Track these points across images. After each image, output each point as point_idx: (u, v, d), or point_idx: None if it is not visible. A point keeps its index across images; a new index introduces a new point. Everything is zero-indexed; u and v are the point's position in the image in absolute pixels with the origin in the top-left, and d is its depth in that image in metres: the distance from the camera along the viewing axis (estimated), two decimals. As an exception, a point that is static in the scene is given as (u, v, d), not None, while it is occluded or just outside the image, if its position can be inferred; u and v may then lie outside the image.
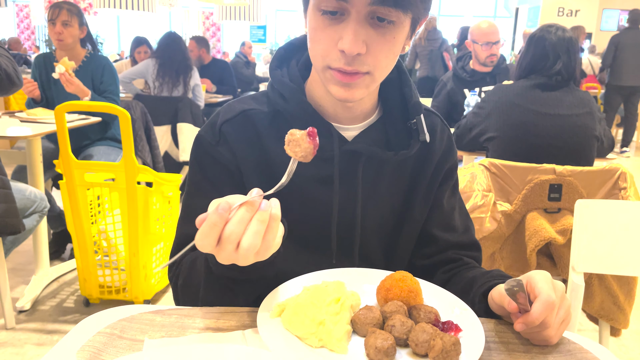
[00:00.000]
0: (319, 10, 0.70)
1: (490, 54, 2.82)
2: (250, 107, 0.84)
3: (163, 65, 3.70)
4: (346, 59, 0.70)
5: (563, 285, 0.67)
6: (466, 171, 1.77)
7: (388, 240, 0.89)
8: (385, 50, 0.72)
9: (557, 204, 1.71)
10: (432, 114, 0.92)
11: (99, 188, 2.10)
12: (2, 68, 1.85)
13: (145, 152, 2.80)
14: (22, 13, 14.80)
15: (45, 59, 2.74)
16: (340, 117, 0.83)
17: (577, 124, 1.85)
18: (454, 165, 0.93)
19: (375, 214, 0.86)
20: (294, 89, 0.81)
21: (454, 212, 0.93)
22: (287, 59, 0.87)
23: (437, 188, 0.90)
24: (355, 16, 0.68)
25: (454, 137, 2.16)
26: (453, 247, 0.91)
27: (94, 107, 2.30)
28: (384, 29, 0.70)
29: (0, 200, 1.75)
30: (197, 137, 0.85)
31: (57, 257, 2.78)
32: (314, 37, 0.73)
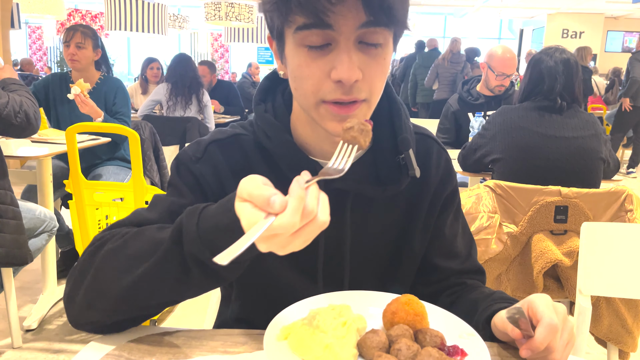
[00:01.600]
0: (303, 47, 0.67)
1: (501, 84, 2.78)
2: (242, 132, 0.82)
3: (175, 85, 3.80)
4: (343, 88, 0.67)
5: (564, 307, 0.67)
6: (472, 192, 1.77)
7: (385, 275, 0.87)
8: (379, 73, 0.70)
9: (563, 225, 1.71)
10: (427, 138, 0.88)
11: (108, 207, 2.13)
12: (24, 109, 1.84)
13: (154, 172, 2.83)
14: (34, 35, 15.07)
15: (61, 79, 2.80)
16: (327, 153, 0.78)
17: (582, 146, 1.86)
18: (454, 190, 0.89)
19: (368, 251, 0.84)
20: (278, 127, 0.78)
21: (457, 238, 0.91)
22: (272, 90, 0.84)
23: (437, 217, 0.88)
24: (345, 43, 0.65)
25: (460, 157, 2.18)
26: (456, 274, 0.90)
27: (104, 128, 2.34)
28: (374, 51, 0.68)
29: (10, 231, 1.76)
30: (180, 152, 0.83)
31: (65, 276, 2.78)
32: (301, 74, 0.68)
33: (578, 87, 1.92)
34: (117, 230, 0.71)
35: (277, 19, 0.68)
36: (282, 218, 0.50)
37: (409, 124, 0.82)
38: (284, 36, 0.69)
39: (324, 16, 0.62)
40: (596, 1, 11.39)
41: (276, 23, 0.69)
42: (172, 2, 13.88)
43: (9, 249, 1.76)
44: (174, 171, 0.81)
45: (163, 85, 3.87)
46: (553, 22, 13.37)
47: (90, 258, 0.69)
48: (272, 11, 0.67)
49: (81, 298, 0.68)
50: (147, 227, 0.69)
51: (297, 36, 0.66)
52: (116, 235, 0.69)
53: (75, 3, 14.57)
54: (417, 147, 0.84)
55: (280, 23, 0.68)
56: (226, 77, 12.70)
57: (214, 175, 0.79)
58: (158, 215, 0.75)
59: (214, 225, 0.59)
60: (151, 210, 0.76)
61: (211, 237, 0.59)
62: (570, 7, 12.47)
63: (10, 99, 1.78)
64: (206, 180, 0.79)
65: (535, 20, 14.44)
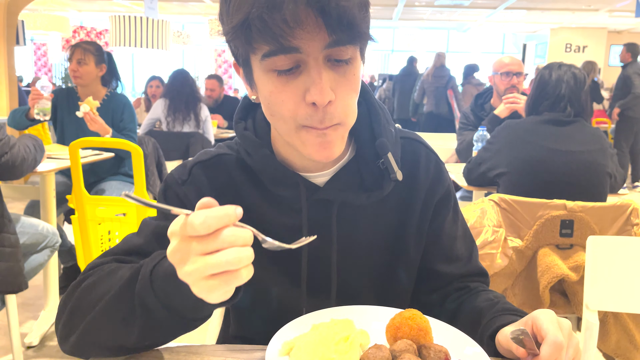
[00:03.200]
0: (272, 72, 0.66)
1: (511, 85, 2.69)
2: (225, 152, 0.83)
3: (172, 100, 3.80)
4: (317, 112, 0.66)
5: (569, 322, 0.66)
6: (476, 207, 1.76)
7: (382, 284, 0.86)
8: (350, 91, 0.69)
9: (569, 240, 1.69)
10: (414, 141, 0.86)
11: (110, 223, 2.12)
12: (14, 151, 1.81)
13: (157, 187, 2.84)
14: (39, 51, 15.25)
15: (68, 94, 2.81)
16: (309, 165, 0.79)
17: (588, 160, 1.84)
18: (447, 192, 0.87)
19: (359, 260, 0.83)
20: (257, 143, 0.78)
21: (456, 241, 0.89)
22: (252, 108, 0.84)
23: (432, 221, 0.86)
24: (314, 63, 0.64)
25: (465, 171, 2.17)
26: (458, 278, 0.89)
27: (107, 143, 2.34)
28: (343, 68, 0.67)
29: (5, 259, 1.75)
30: (167, 175, 0.84)
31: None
32: (275, 100, 0.67)
33: (585, 99, 1.92)
34: (105, 265, 0.73)
35: (241, 47, 0.66)
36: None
37: (389, 128, 0.81)
38: (250, 63, 0.69)
39: (286, 42, 0.61)
40: (599, 16, 11.46)
41: (240, 51, 0.68)
42: (176, 18, 14.07)
43: (3, 277, 1.75)
44: (161, 194, 0.82)
45: (160, 102, 3.88)
46: (556, 37, 13.44)
47: (72, 290, 0.70)
48: (234, 40, 0.65)
49: (61, 328, 0.69)
50: (123, 266, 0.69)
51: (264, 63, 0.65)
52: (100, 270, 0.71)
53: (80, 20, 14.77)
54: (404, 151, 0.84)
55: (244, 51, 0.67)
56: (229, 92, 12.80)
57: (198, 197, 0.79)
58: (144, 240, 0.77)
59: (164, 270, 0.60)
60: (140, 235, 0.78)
61: (159, 281, 0.60)
62: (574, 21, 12.55)
63: (5, 139, 1.78)
64: (191, 202, 0.79)
65: (538, 35, 14.52)
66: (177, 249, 0.54)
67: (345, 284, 0.83)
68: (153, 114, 3.90)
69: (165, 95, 3.90)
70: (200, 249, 0.52)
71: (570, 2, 10.26)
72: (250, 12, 0.60)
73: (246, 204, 0.80)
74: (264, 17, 0.60)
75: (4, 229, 1.77)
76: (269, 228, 0.80)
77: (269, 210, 0.80)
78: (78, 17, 14.48)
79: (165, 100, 3.85)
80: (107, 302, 0.64)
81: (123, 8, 12.32)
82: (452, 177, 2.41)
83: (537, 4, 10.51)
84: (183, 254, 0.53)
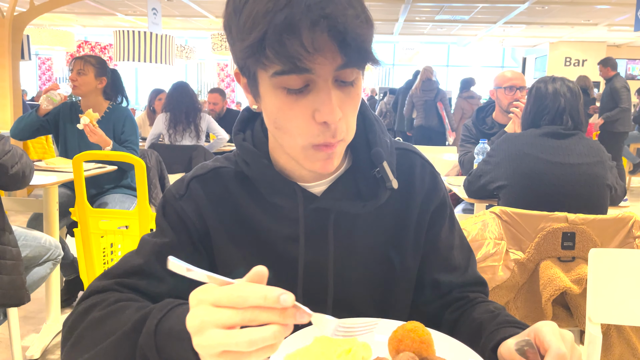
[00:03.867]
0: (282, 89, 0.66)
1: (514, 100, 2.68)
2: (223, 165, 0.83)
3: (172, 113, 3.83)
4: (329, 130, 0.68)
5: (572, 335, 0.66)
6: (477, 219, 1.76)
7: (380, 294, 0.86)
8: (353, 109, 0.71)
9: (571, 252, 1.69)
10: (409, 152, 0.87)
11: (113, 235, 2.13)
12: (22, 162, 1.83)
13: (159, 199, 2.84)
14: (44, 66, 15.38)
15: (71, 108, 2.85)
16: (306, 175, 0.80)
17: (588, 172, 1.85)
18: (442, 202, 0.88)
19: (357, 269, 0.83)
20: (255, 154, 0.79)
21: (453, 250, 0.89)
22: (251, 120, 0.85)
23: (428, 231, 0.87)
24: (324, 84, 0.65)
25: (465, 183, 2.17)
26: (457, 287, 0.89)
27: (110, 156, 2.36)
28: (349, 89, 0.68)
29: (7, 272, 1.76)
30: (166, 190, 0.84)
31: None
32: (284, 116, 0.68)
33: (581, 111, 1.94)
34: (109, 293, 0.73)
35: (251, 63, 0.67)
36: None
37: (384, 138, 0.83)
38: (257, 76, 0.69)
39: (302, 64, 0.62)
40: (598, 30, 11.54)
41: (249, 64, 0.68)
42: (180, 33, 14.21)
43: (6, 290, 1.75)
44: (159, 210, 0.83)
45: (161, 116, 3.91)
46: (556, 51, 13.53)
47: (79, 318, 0.70)
48: (246, 58, 0.65)
49: (65, 353, 0.70)
50: (131, 304, 0.69)
51: (274, 80, 0.65)
52: (107, 301, 0.70)
53: (85, 35, 14.91)
54: (399, 161, 0.85)
55: (253, 65, 0.67)
56: (232, 106, 12.87)
57: (196, 211, 0.81)
58: (144, 260, 0.77)
59: (170, 327, 0.59)
60: (139, 254, 0.79)
61: (162, 338, 0.59)
62: (573, 35, 12.63)
63: (13, 150, 1.81)
64: (188, 217, 0.80)
65: (537, 49, 14.62)
66: (198, 316, 0.51)
67: (342, 294, 0.83)
68: (155, 129, 3.93)
69: (165, 108, 3.92)
70: (224, 320, 0.49)
71: (569, 17, 10.34)
72: (266, 32, 0.61)
73: (244, 216, 0.81)
74: (283, 40, 0.60)
75: (6, 241, 1.77)
76: (267, 239, 0.81)
77: (266, 221, 0.81)
78: (83, 32, 14.63)
79: (165, 114, 3.88)
80: (110, 344, 0.64)
81: (127, 23, 12.45)
82: (454, 189, 2.42)
83: (536, 19, 10.60)
84: (204, 323, 0.50)
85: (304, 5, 0.60)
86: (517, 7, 9.36)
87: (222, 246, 0.82)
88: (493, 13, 10.17)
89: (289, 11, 0.60)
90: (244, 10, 0.64)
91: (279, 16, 0.60)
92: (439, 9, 10.03)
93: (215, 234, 0.81)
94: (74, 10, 10.97)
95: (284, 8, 0.60)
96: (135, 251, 0.80)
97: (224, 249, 0.82)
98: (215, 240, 0.82)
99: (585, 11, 9.66)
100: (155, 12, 7.39)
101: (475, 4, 9.36)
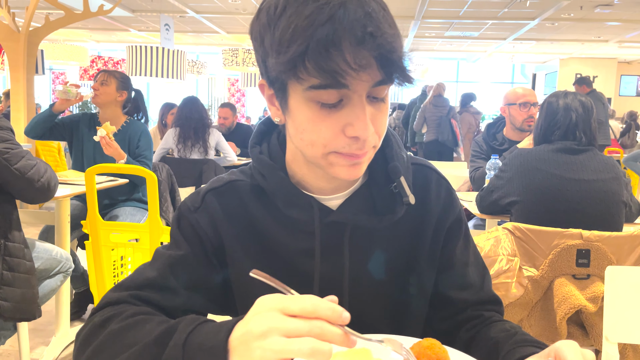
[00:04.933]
0: (315, 102, 0.66)
1: (529, 116, 2.68)
2: (238, 179, 0.83)
3: (182, 128, 3.88)
4: (357, 143, 0.68)
5: (593, 355, 0.64)
6: (490, 235, 1.75)
7: (394, 309, 0.85)
8: (382, 124, 0.71)
9: (586, 269, 1.67)
10: (425, 167, 0.87)
11: (123, 248, 2.13)
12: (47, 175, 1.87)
13: (170, 213, 2.85)
14: (58, 80, 15.61)
15: (90, 119, 2.90)
16: (324, 188, 0.80)
17: (603, 189, 1.83)
18: (458, 218, 0.87)
19: (372, 284, 0.83)
20: (272, 166, 0.79)
21: (468, 267, 0.88)
22: (267, 133, 0.85)
23: (444, 247, 0.86)
24: (359, 100, 0.66)
25: (477, 199, 2.16)
26: (472, 305, 0.87)
27: (122, 169, 2.38)
28: (379, 104, 0.69)
29: (20, 286, 1.76)
30: (181, 203, 0.84)
31: (78, 318, 2.77)
32: (313, 128, 0.68)
33: (594, 127, 1.92)
34: (126, 305, 0.72)
35: (286, 76, 0.66)
36: None
37: (401, 153, 0.82)
38: (288, 88, 0.68)
39: (342, 79, 0.62)
40: (609, 47, 11.53)
41: (282, 77, 0.67)
42: (191, 48, 14.38)
43: (18, 304, 1.76)
44: (174, 223, 0.83)
45: (171, 131, 3.97)
46: (566, 67, 13.52)
47: (96, 330, 0.69)
48: (283, 71, 0.64)
49: None
50: (151, 318, 0.68)
51: (308, 93, 0.65)
52: (124, 314, 0.69)
53: (98, 50, 15.14)
54: (415, 177, 0.84)
55: (286, 77, 0.67)
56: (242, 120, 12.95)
57: (211, 224, 0.81)
58: (158, 273, 0.77)
59: (200, 342, 0.59)
60: (153, 267, 0.78)
61: (192, 352, 0.59)
62: (583, 52, 12.63)
63: (38, 163, 1.84)
64: (203, 230, 0.80)
65: (547, 65, 14.62)
66: (266, 321, 0.53)
67: (357, 309, 0.82)
68: (165, 144, 3.98)
69: (175, 123, 3.99)
70: (292, 328, 0.52)
71: (579, 34, 10.35)
72: (308, 46, 0.61)
73: (259, 230, 0.81)
74: (327, 55, 0.61)
75: (21, 254, 1.78)
76: (283, 253, 0.80)
77: (282, 235, 0.80)
78: (96, 47, 14.87)
79: (175, 129, 3.94)
80: (130, 355, 0.63)
81: (140, 39, 12.63)
82: (465, 205, 2.40)
83: (546, 35, 10.62)
84: (271, 330, 0.52)
85: (347, 21, 0.61)
86: (526, 24, 9.40)
87: (236, 259, 0.81)
88: (502, 29, 10.21)
89: (331, 27, 0.60)
90: (280, 22, 0.64)
91: (321, 31, 0.60)
92: (449, 26, 10.09)
93: (230, 247, 0.81)
94: (88, 26, 11.16)
95: (325, 23, 0.61)
96: (149, 263, 0.80)
97: (238, 262, 0.81)
98: (230, 253, 0.81)
99: (596, 28, 9.67)
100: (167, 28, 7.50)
101: (485, 21, 9.41)
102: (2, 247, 1.75)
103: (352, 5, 0.62)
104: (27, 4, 4.44)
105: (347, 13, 0.61)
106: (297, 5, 0.63)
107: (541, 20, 8.91)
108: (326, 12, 0.61)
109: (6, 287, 1.74)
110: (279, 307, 0.53)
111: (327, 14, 0.61)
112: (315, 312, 0.52)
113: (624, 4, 7.82)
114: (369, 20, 0.61)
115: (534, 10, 8.46)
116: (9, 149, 1.75)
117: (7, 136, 1.77)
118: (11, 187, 1.78)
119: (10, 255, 1.76)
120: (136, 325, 0.67)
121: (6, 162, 1.73)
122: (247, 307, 0.60)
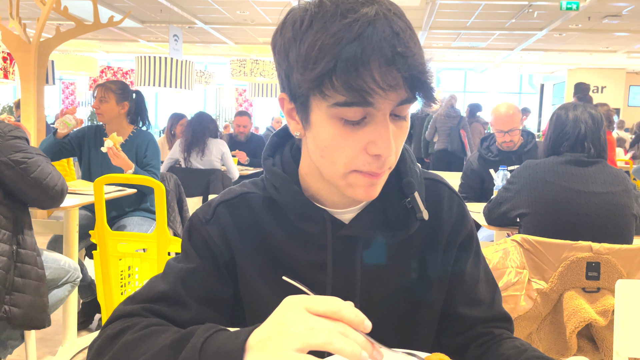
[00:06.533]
0: (338, 119, 0.66)
1: (503, 142, 2.80)
2: (250, 191, 0.83)
3: (187, 140, 4.00)
4: (379, 162, 0.68)
5: None
6: (499, 247, 1.74)
7: (404, 324, 0.84)
8: (402, 141, 0.71)
9: (596, 283, 1.65)
10: (437, 183, 0.87)
11: (131, 258, 2.14)
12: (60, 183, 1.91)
13: (177, 223, 2.86)
14: (67, 90, 15.76)
15: (96, 131, 2.91)
16: (338, 202, 0.79)
17: (612, 202, 1.81)
18: (469, 234, 0.87)
19: (382, 298, 0.82)
20: (285, 179, 0.78)
21: (478, 284, 0.88)
22: (280, 145, 0.84)
23: (455, 263, 0.86)
24: (382, 118, 0.65)
25: (485, 211, 2.15)
26: (482, 322, 0.87)
27: (130, 179, 2.39)
28: (401, 122, 0.69)
29: (30, 292, 1.77)
30: (192, 214, 0.84)
31: (85, 328, 2.77)
32: (336, 145, 0.68)
33: (604, 139, 1.90)
34: (139, 318, 0.72)
35: (311, 92, 0.66)
36: None
37: (414, 168, 0.82)
38: (311, 103, 0.68)
39: (370, 97, 0.62)
40: (617, 57, 11.49)
41: (306, 93, 0.67)
42: (199, 59, 14.50)
43: (26, 312, 1.76)
44: (185, 235, 0.83)
45: (179, 142, 4.11)
46: (574, 77, 13.47)
47: (109, 342, 0.69)
48: (309, 88, 0.64)
49: None
50: (165, 329, 0.68)
51: (332, 110, 0.65)
52: (138, 325, 0.70)
53: (107, 61, 15.30)
54: (427, 192, 0.84)
55: (312, 95, 0.66)
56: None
57: (222, 237, 0.80)
58: (169, 286, 0.77)
59: (217, 346, 0.59)
60: (164, 280, 0.78)
61: (209, 354, 0.59)
62: (591, 62, 12.60)
63: (53, 171, 1.87)
64: (214, 242, 0.80)
65: (555, 75, 14.59)
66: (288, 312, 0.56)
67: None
68: (172, 155, 4.08)
69: (183, 135, 4.12)
70: (316, 324, 0.54)
71: (587, 44, 10.33)
72: (336, 64, 0.61)
73: (270, 243, 0.81)
74: (355, 73, 0.61)
75: (32, 261, 1.79)
76: (294, 266, 0.80)
77: (293, 248, 0.80)
78: (106, 57, 15.03)
79: (180, 140, 4.08)
80: (146, 359, 0.63)
81: (149, 49, 12.75)
82: (473, 216, 2.39)
83: (554, 46, 10.61)
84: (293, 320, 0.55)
85: (375, 40, 0.60)
86: (534, 34, 9.39)
87: (247, 272, 0.81)
88: (510, 40, 10.22)
89: (359, 45, 0.60)
90: (306, 38, 0.64)
91: (349, 49, 0.60)
92: (456, 36, 10.11)
93: (241, 260, 0.81)
94: (97, 37, 11.30)
95: (353, 41, 0.60)
96: (160, 276, 0.80)
97: (248, 275, 0.81)
98: (240, 266, 0.81)
99: (604, 38, 9.65)
100: (176, 39, 7.57)
101: (492, 31, 9.42)
102: (14, 254, 1.76)
103: (380, 24, 0.61)
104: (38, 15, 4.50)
105: (376, 31, 0.61)
106: (325, 21, 0.63)
107: (549, 30, 8.91)
108: (355, 30, 0.61)
109: (17, 293, 1.75)
110: (305, 305, 0.55)
111: (355, 32, 0.61)
112: (339, 313, 0.54)
113: (632, 14, 7.80)
114: (397, 40, 0.61)
115: (542, 21, 8.46)
116: (26, 159, 1.77)
117: (23, 146, 1.80)
118: (26, 195, 1.81)
119: (22, 262, 1.77)
120: (151, 335, 0.67)
121: (23, 172, 1.75)
122: (257, 320, 0.60)
